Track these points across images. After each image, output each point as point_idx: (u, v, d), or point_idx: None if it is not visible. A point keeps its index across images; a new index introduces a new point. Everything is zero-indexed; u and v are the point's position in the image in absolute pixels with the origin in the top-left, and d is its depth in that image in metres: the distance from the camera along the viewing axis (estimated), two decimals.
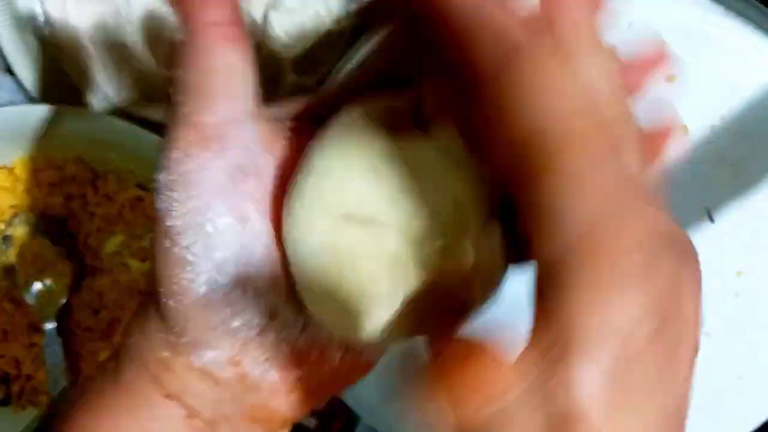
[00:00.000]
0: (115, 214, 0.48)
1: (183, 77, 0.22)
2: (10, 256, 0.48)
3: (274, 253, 0.23)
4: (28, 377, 0.48)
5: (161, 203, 0.22)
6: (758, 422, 0.43)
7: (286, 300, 0.23)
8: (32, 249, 0.48)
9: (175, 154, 0.22)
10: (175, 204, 0.22)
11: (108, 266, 0.48)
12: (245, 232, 0.22)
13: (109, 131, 0.46)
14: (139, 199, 0.48)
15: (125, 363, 0.24)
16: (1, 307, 0.48)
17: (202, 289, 0.22)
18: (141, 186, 0.49)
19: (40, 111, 0.45)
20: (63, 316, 0.48)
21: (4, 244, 0.48)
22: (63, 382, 0.46)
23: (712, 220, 0.39)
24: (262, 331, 0.23)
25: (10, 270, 0.48)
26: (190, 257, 0.22)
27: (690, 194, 0.39)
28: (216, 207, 0.22)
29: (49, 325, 0.47)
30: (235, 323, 0.23)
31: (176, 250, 0.22)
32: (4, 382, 0.49)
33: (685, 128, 0.38)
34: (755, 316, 0.41)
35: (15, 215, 0.48)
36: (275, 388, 0.24)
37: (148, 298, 0.24)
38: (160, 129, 0.48)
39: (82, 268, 0.49)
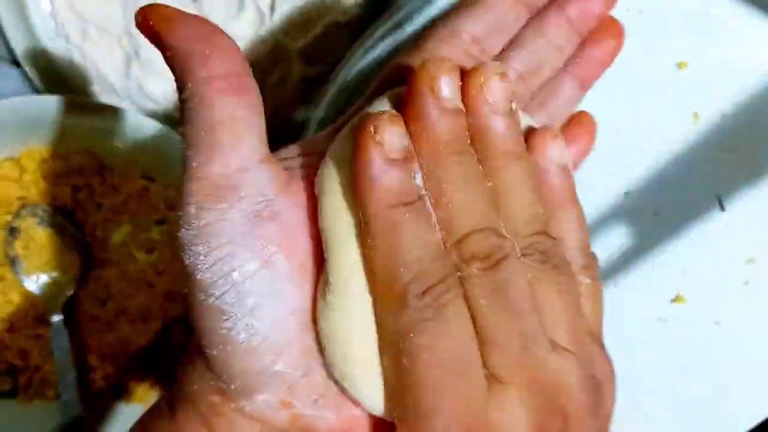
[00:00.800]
0: (122, 205, 0.48)
1: (189, 133, 0.22)
2: (17, 247, 0.48)
3: (308, 293, 0.23)
4: (36, 369, 0.48)
5: (188, 259, 0.22)
6: None
7: None
8: (39, 240, 0.48)
9: (191, 209, 0.22)
10: (200, 258, 0.22)
11: (115, 257, 0.48)
12: (274, 275, 0.23)
13: (114, 121, 0.46)
14: (145, 189, 0.48)
15: (179, 405, 0.25)
16: (8, 298, 0.48)
17: (241, 336, 0.22)
18: (146, 177, 0.48)
19: (46, 102, 0.45)
20: (70, 308, 0.48)
21: (11, 236, 0.47)
22: (71, 375, 0.46)
23: (723, 208, 0.39)
24: (308, 372, 0.23)
25: (16, 261, 0.48)
26: (224, 307, 0.22)
27: (701, 182, 0.39)
28: (240, 254, 0.22)
29: (56, 317, 0.47)
30: (279, 366, 0.23)
31: (210, 301, 0.22)
32: (11, 374, 0.49)
33: (695, 115, 0.38)
34: (765, 304, 0.41)
35: (22, 206, 0.48)
36: (331, 428, 0.24)
37: (193, 348, 0.24)
38: (164, 118, 0.48)
39: (89, 260, 0.49)
